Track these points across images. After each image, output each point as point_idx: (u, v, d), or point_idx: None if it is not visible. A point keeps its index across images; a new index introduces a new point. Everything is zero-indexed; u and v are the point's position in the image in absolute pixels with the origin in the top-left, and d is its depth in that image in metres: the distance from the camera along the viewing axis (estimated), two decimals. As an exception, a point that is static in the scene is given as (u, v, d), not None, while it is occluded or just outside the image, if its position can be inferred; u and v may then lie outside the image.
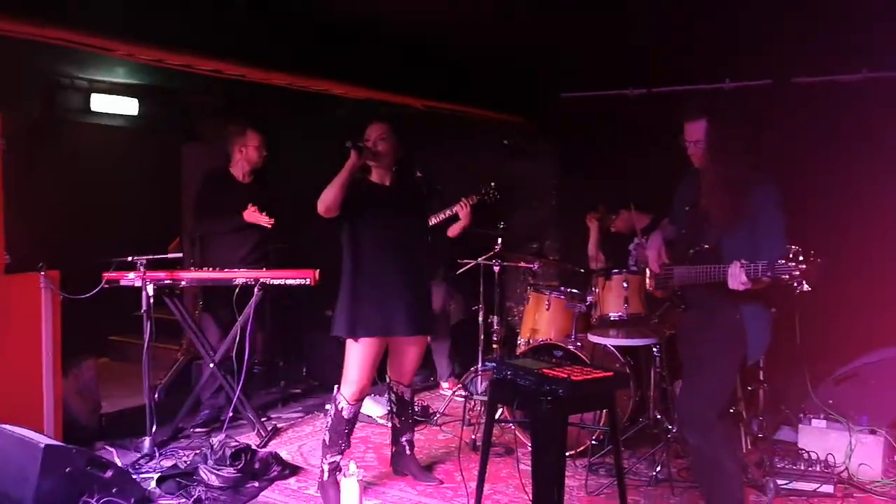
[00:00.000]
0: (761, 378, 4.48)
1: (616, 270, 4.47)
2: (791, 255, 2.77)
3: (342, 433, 3.80)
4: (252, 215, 4.79)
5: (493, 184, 4.93)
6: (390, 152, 3.77)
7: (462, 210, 4.73)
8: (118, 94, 5.99)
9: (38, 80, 5.49)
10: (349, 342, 3.75)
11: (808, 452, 4.05)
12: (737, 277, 2.89)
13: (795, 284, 2.80)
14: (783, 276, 2.79)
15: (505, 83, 5.52)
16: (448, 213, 4.89)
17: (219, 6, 4.02)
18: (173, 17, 3.82)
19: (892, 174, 4.76)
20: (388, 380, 4.11)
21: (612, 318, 4.43)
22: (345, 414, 3.77)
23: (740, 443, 4.10)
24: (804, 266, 2.75)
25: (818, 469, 3.91)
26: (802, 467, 3.92)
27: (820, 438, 4.18)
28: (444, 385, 5.82)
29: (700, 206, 3.16)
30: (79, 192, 6.09)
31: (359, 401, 3.83)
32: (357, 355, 3.74)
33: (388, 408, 4.21)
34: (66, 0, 3.42)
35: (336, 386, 3.84)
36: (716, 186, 3.10)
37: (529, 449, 4.23)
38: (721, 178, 3.08)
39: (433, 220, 5.20)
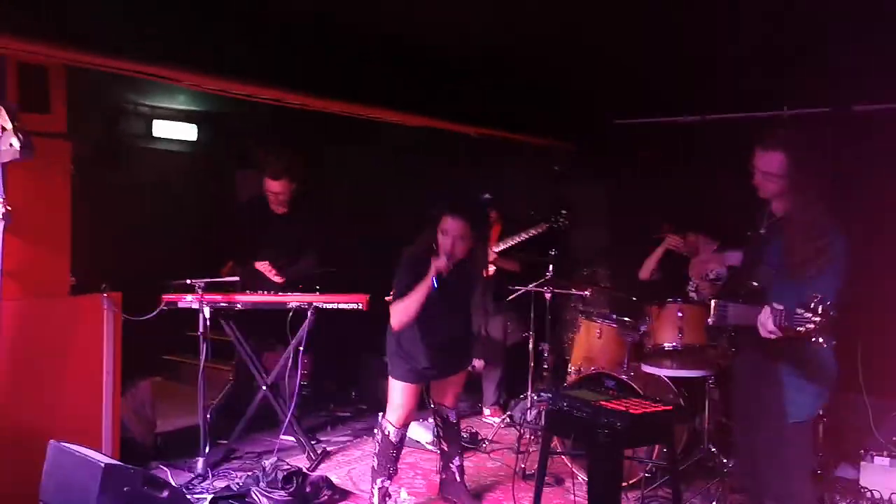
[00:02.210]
0: (821, 412, 4.36)
1: (671, 300, 4.41)
2: (811, 305, 2.55)
3: (390, 457, 3.83)
4: (263, 266, 4.96)
5: (563, 212, 4.92)
6: (468, 250, 3.67)
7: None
8: (178, 119, 6.15)
9: (104, 106, 5.66)
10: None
11: (870, 491, 3.92)
12: (765, 325, 2.68)
13: (813, 338, 2.60)
14: (798, 328, 2.57)
15: (557, 109, 5.52)
16: (518, 239, 4.93)
17: (282, 35, 4.10)
18: (236, 44, 3.91)
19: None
20: (431, 403, 4.11)
21: (666, 349, 4.37)
22: (392, 438, 3.80)
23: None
24: (818, 319, 2.53)
25: (882, 509, 3.79)
26: (865, 506, 3.80)
27: (883, 476, 4.05)
28: (487, 412, 5.81)
29: (780, 251, 2.97)
30: (139, 216, 6.25)
31: (405, 425, 3.86)
32: (400, 385, 3.81)
33: (435, 432, 4.21)
34: (133, 29, 3.52)
35: (381, 412, 3.87)
36: (801, 236, 2.90)
37: (580, 479, 4.21)
38: (806, 228, 2.90)
39: (500, 247, 5.28)
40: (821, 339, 2.55)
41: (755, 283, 2.96)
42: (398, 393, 3.83)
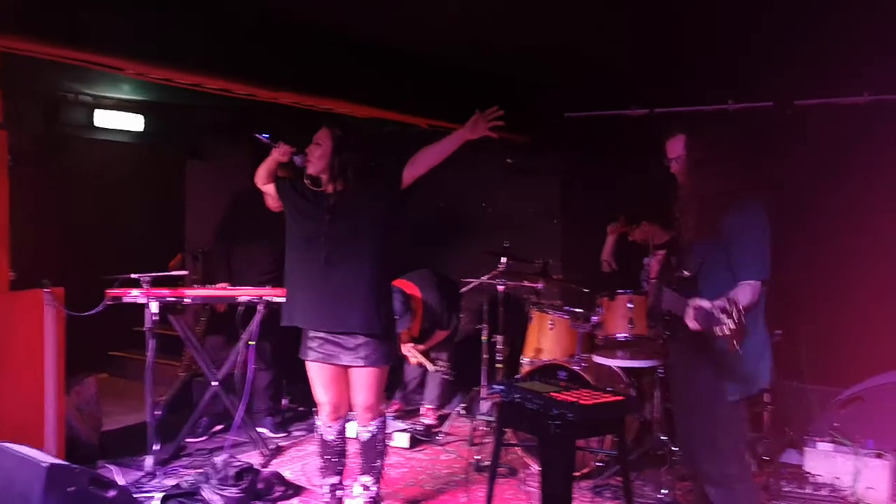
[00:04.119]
0: (766, 400, 4.47)
1: (621, 291, 4.47)
2: (731, 309, 2.56)
3: (331, 454, 3.70)
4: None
5: None
6: (325, 157, 3.51)
7: None
8: (124, 109, 5.99)
9: (43, 94, 5.49)
10: None
11: (814, 476, 4.04)
12: (690, 318, 2.72)
13: (728, 344, 2.62)
14: (714, 328, 2.59)
15: (509, 102, 5.53)
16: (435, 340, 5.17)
17: (227, 24, 4.02)
18: (182, 34, 3.82)
19: (896, 196, 4.78)
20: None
21: (618, 339, 4.43)
22: (325, 436, 3.68)
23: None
24: (735, 328, 2.53)
25: (825, 493, 3.90)
26: (809, 491, 3.91)
27: (826, 462, 4.16)
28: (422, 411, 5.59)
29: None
30: (82, 208, 6.09)
31: (337, 420, 3.68)
32: (308, 367, 3.64)
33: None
34: (74, 18, 3.42)
35: (315, 409, 3.76)
36: (686, 203, 3.04)
37: (533, 470, 4.25)
38: (690, 193, 3.02)
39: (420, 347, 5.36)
40: (735, 343, 2.57)
41: (686, 273, 3.00)
42: (311, 378, 3.62)
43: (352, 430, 3.80)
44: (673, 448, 4.20)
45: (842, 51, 4.28)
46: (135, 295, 4.35)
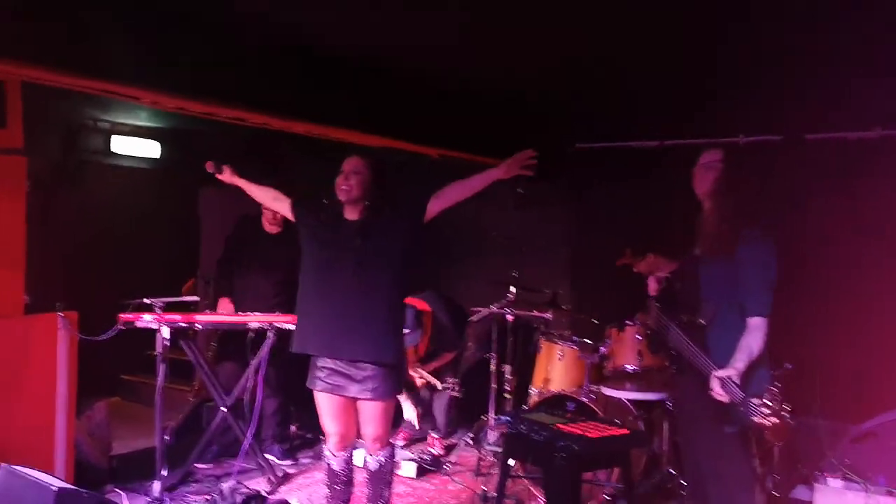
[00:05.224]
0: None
1: (629, 322, 4.47)
2: (769, 401, 2.63)
3: (338, 484, 3.69)
4: (223, 304, 4.94)
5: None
6: (362, 185, 3.49)
7: None
8: (141, 136, 6.08)
9: (62, 121, 5.59)
10: None
11: (824, 513, 3.98)
12: (716, 390, 2.80)
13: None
14: (753, 419, 2.67)
15: (520, 133, 5.58)
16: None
17: (241, 53, 4.09)
18: (196, 64, 3.90)
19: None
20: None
21: (626, 371, 4.42)
22: (332, 466, 3.68)
23: None
24: (776, 421, 2.62)
25: (835, 530, 3.85)
26: (819, 528, 3.86)
27: (836, 499, 4.10)
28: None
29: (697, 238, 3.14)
30: (98, 233, 6.16)
31: (344, 449, 3.67)
32: (316, 396, 3.62)
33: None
34: (91, 47, 3.49)
35: (322, 437, 3.76)
36: (707, 220, 3.11)
37: (540, 502, 4.22)
38: (714, 213, 3.08)
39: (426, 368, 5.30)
40: (776, 438, 2.67)
41: (701, 321, 3.03)
42: (319, 408, 3.61)
43: (359, 458, 3.79)
44: (682, 482, 4.18)
45: (853, 85, 4.31)
46: (147, 320, 4.38)
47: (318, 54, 4.22)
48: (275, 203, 3.79)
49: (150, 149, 6.19)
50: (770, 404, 2.60)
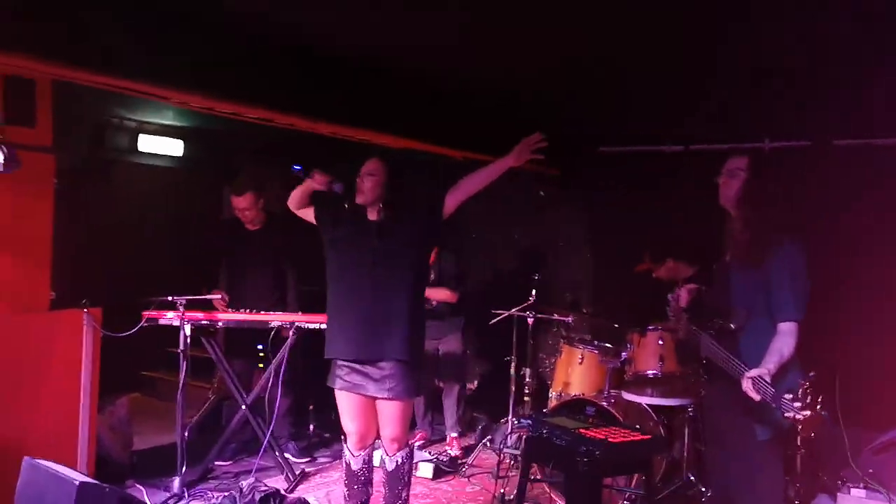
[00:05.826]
0: (798, 443, 4.37)
1: (651, 327, 4.44)
2: (800, 394, 2.62)
3: (356, 483, 3.70)
4: (216, 297, 4.95)
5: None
6: (377, 187, 3.53)
7: None
8: (165, 134, 6.13)
9: (89, 119, 5.64)
10: None
11: (847, 523, 3.94)
12: (749, 390, 2.79)
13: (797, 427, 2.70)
14: (785, 414, 2.67)
15: (545, 134, 5.56)
16: None
17: (268, 55, 4.11)
18: (223, 65, 3.92)
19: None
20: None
21: (647, 376, 4.39)
22: (351, 465, 3.69)
23: None
24: (808, 413, 2.61)
25: (858, 541, 3.80)
26: (841, 538, 3.81)
27: (859, 508, 4.06)
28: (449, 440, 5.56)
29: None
30: (123, 231, 6.22)
31: (363, 448, 3.68)
32: (337, 395, 3.63)
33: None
34: (121, 47, 3.53)
35: (343, 436, 3.77)
36: (735, 229, 3.08)
37: (560, 507, 4.21)
38: (742, 221, 3.06)
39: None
40: (809, 433, 2.65)
41: (732, 326, 3.01)
42: (339, 406, 3.63)
43: (377, 458, 3.80)
44: (702, 489, 4.14)
45: (881, 91, 4.25)
46: (170, 317, 4.42)
47: (343, 56, 4.23)
48: (300, 209, 3.79)
49: (175, 147, 6.24)
50: (801, 398, 2.59)
